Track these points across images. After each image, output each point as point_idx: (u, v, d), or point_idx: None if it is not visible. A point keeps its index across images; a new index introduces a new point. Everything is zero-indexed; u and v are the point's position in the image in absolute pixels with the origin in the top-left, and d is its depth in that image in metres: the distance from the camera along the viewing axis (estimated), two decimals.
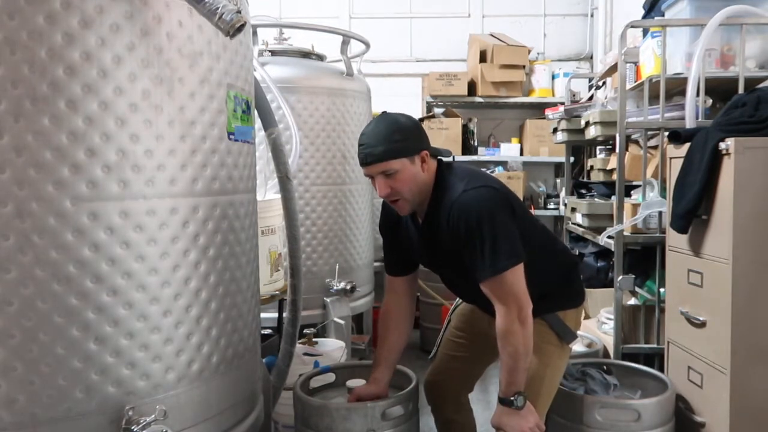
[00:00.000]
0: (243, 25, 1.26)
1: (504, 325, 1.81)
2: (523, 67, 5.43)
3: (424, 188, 1.89)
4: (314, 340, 2.74)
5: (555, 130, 4.30)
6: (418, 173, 1.86)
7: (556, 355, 1.99)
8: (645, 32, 3.07)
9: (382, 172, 1.83)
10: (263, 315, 2.21)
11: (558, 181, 5.65)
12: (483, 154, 5.56)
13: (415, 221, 2.00)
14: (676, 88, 2.91)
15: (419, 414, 2.11)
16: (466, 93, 5.44)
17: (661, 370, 2.51)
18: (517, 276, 1.80)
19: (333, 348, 2.71)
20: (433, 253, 1.99)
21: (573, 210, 3.71)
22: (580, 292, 2.12)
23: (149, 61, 1.33)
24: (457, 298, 2.31)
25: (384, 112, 1.93)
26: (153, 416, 1.31)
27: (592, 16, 5.85)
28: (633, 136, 3.47)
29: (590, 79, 5.19)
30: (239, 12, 1.25)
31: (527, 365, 1.85)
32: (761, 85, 2.54)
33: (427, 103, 5.66)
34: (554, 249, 2.10)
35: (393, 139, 1.81)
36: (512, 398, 1.83)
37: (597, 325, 3.21)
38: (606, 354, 2.93)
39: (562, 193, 4.69)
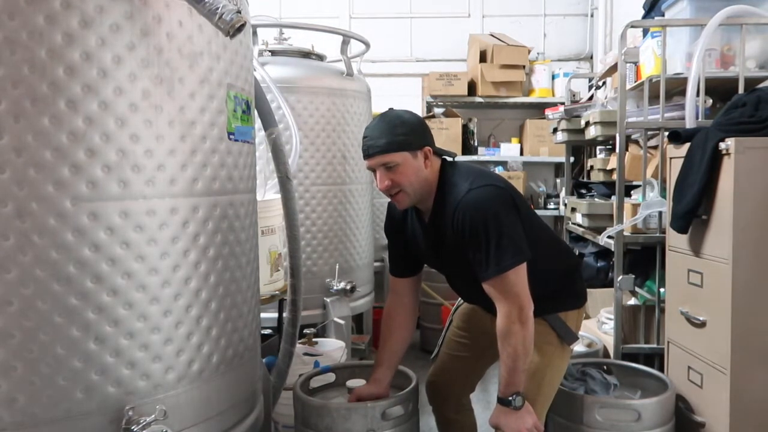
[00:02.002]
0: (243, 25, 1.26)
1: (504, 324, 1.81)
2: (523, 67, 5.43)
3: (425, 185, 1.89)
4: (314, 340, 2.74)
5: (555, 130, 4.30)
6: (420, 168, 1.87)
7: (557, 355, 1.99)
8: (645, 32, 3.07)
9: (384, 164, 1.84)
10: (263, 315, 2.21)
11: (558, 181, 5.66)
12: (483, 154, 5.56)
13: (420, 221, 2.00)
14: (676, 88, 2.91)
15: (419, 414, 2.11)
16: (466, 93, 5.44)
17: (661, 370, 2.51)
18: (519, 275, 1.80)
19: (333, 348, 2.71)
20: (438, 253, 1.99)
21: (573, 210, 3.71)
22: (582, 294, 2.11)
23: (149, 61, 1.33)
24: (459, 299, 2.31)
25: (390, 109, 1.94)
26: (153, 416, 1.31)
27: (592, 16, 5.85)
28: (633, 136, 3.47)
29: (590, 79, 5.19)
30: (239, 12, 1.25)
31: (527, 366, 1.85)
32: (761, 85, 2.54)
33: (427, 103, 5.66)
34: (558, 249, 2.10)
35: (396, 132, 1.83)
36: (510, 398, 1.83)
37: (597, 325, 3.21)
38: (606, 354, 2.93)
39: (562, 193, 4.69)
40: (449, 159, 1.99)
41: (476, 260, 1.82)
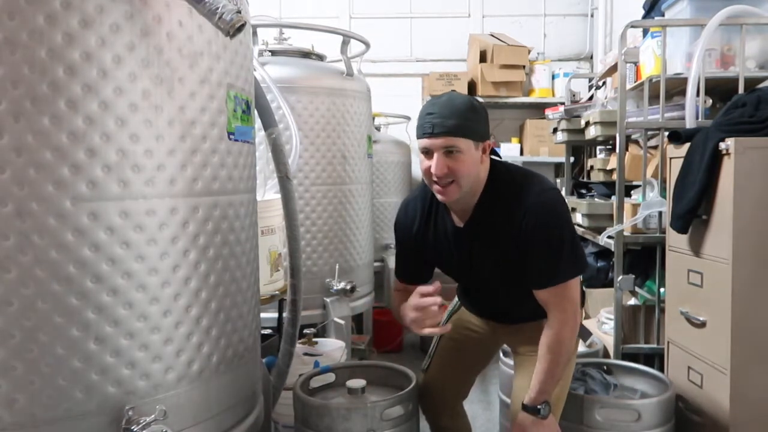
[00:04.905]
0: (243, 25, 1.26)
1: (558, 333, 1.77)
2: (523, 67, 5.43)
3: (477, 181, 1.77)
4: (314, 340, 2.74)
5: (555, 130, 4.30)
6: (478, 162, 1.73)
7: (572, 360, 2.00)
8: (645, 32, 3.07)
9: (447, 147, 1.67)
10: (263, 315, 2.21)
11: (558, 181, 5.64)
12: None
13: (452, 225, 1.89)
14: (676, 88, 2.91)
15: (419, 414, 2.11)
16: (466, 93, 5.43)
17: (661, 370, 2.51)
18: (578, 282, 1.79)
19: (333, 348, 2.71)
20: (471, 259, 1.88)
21: (573, 210, 3.71)
22: (583, 293, 2.13)
23: (149, 61, 1.33)
24: (450, 307, 2.28)
25: (453, 92, 1.79)
26: (153, 416, 1.31)
27: (592, 16, 5.85)
28: (633, 136, 3.47)
29: (590, 79, 5.19)
30: (239, 12, 1.25)
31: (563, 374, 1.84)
32: (761, 85, 2.54)
33: None
34: None
35: (466, 117, 1.67)
36: (540, 406, 1.80)
37: (597, 325, 3.21)
38: (606, 354, 2.93)
39: (562, 193, 4.69)
40: (496, 158, 1.88)
41: (541, 266, 1.74)
